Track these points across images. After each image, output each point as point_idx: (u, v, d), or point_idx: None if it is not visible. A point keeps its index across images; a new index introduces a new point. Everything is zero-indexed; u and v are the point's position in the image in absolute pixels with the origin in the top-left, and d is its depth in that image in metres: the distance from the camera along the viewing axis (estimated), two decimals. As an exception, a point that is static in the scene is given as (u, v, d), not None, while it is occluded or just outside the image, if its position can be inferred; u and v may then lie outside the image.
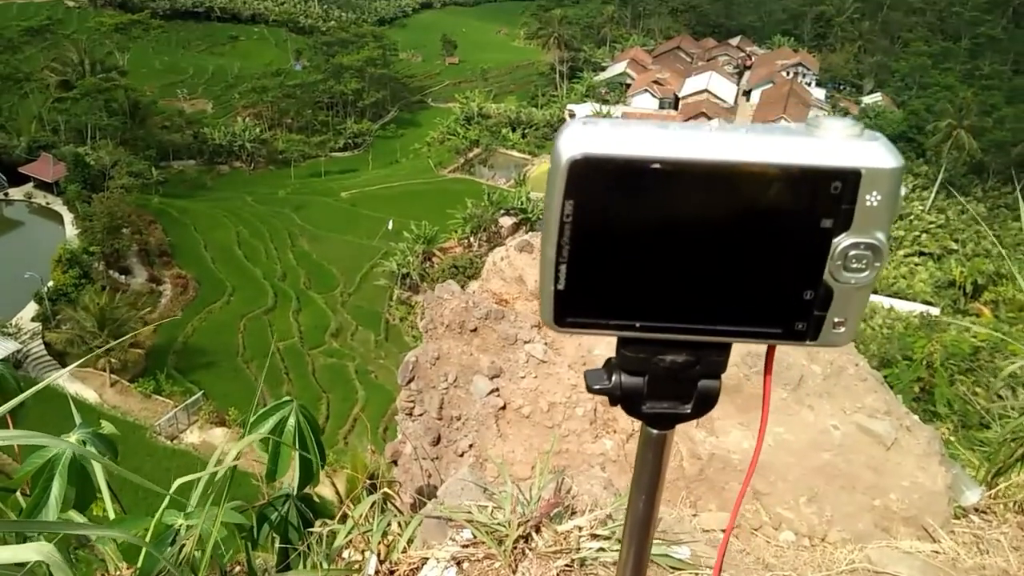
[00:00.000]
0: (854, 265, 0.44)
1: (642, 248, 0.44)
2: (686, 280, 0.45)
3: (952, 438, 4.15)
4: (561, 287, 0.46)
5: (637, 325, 0.48)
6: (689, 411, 0.54)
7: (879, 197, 0.42)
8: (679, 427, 2.49)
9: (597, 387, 0.53)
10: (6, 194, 48.24)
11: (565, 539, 1.87)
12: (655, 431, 0.58)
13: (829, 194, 0.42)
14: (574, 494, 2.16)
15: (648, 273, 0.45)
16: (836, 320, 0.46)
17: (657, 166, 0.42)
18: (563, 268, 0.45)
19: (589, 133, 0.43)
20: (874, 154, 0.42)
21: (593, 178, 0.43)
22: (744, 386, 2.75)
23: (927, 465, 2.43)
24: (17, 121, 55.04)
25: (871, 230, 0.43)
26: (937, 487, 2.40)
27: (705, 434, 2.69)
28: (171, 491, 1.58)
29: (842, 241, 0.43)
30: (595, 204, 0.43)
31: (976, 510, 2.50)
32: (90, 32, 71.80)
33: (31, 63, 62.71)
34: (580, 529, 1.91)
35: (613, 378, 0.53)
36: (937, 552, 2.24)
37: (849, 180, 0.42)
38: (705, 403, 0.53)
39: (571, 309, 0.47)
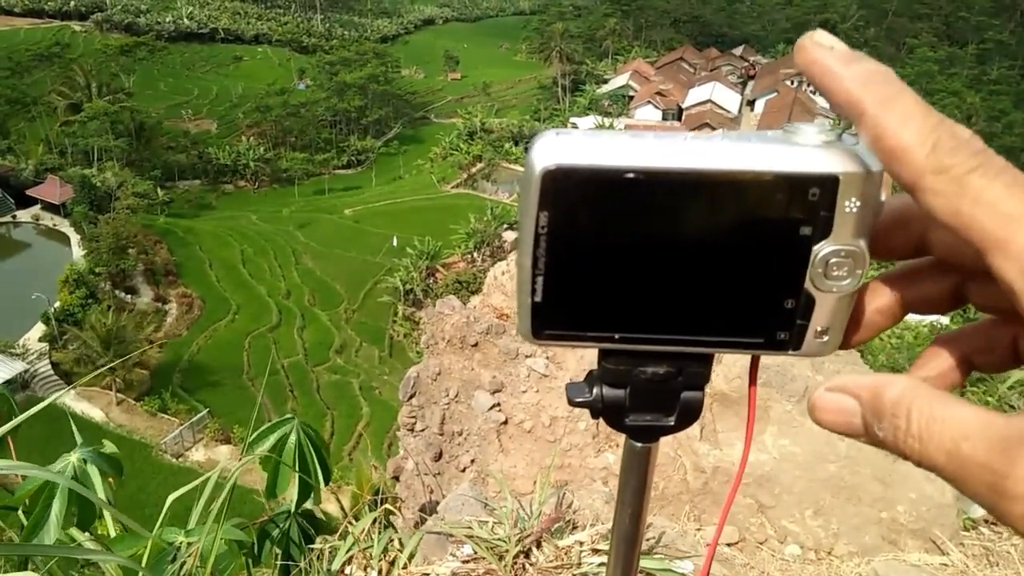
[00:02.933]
0: (835, 273, 0.43)
1: (619, 259, 0.44)
2: (664, 290, 0.45)
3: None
4: (538, 299, 0.46)
5: (616, 337, 0.47)
6: (672, 423, 0.53)
7: (858, 203, 0.42)
8: (683, 441, 2.45)
9: (579, 400, 0.53)
10: (14, 216, 48.74)
11: (566, 554, 1.85)
12: (639, 444, 0.58)
13: (807, 201, 0.42)
14: (575, 509, 2.13)
15: (626, 284, 0.45)
16: (819, 329, 0.46)
17: (631, 175, 0.42)
18: (539, 280, 0.45)
19: (562, 143, 0.42)
20: (852, 159, 0.41)
21: (567, 189, 0.42)
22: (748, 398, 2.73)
23: (935, 476, 2.40)
24: (25, 144, 55.74)
25: (851, 237, 0.43)
26: (945, 499, 2.37)
27: (709, 447, 2.67)
28: (166, 507, 1.58)
29: (822, 248, 0.43)
30: (570, 215, 0.43)
31: (986, 522, 2.46)
32: (96, 55, 72.72)
33: (39, 87, 63.55)
34: (581, 544, 1.89)
35: (594, 391, 0.52)
36: (946, 565, 2.20)
37: (827, 186, 0.42)
38: (688, 415, 0.53)
39: (548, 321, 0.47)
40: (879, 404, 0.39)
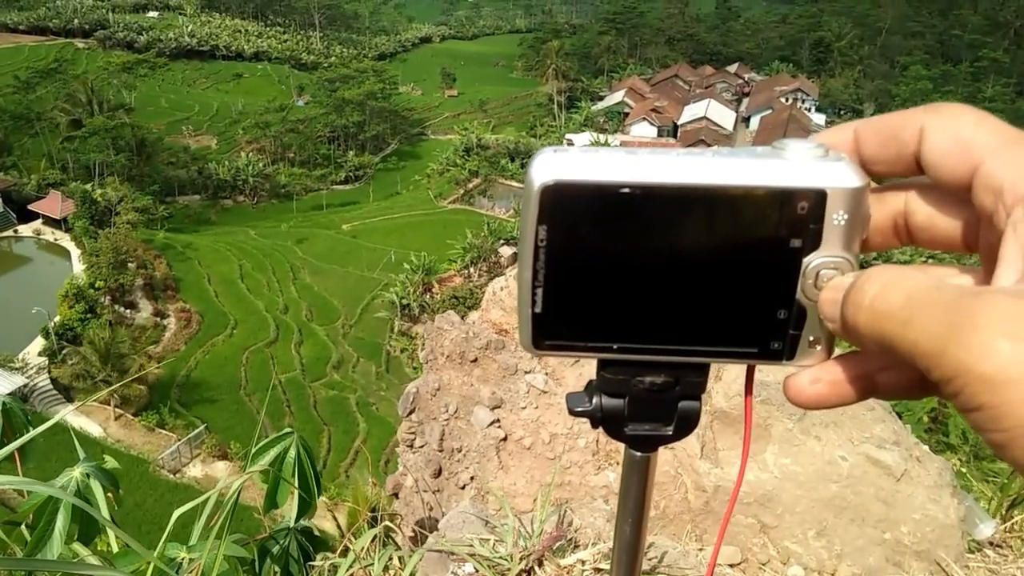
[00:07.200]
0: (825, 283, 0.45)
1: (616, 271, 0.45)
2: (661, 301, 0.46)
3: (963, 469, 4.07)
4: (538, 310, 0.47)
5: (614, 347, 0.48)
6: (671, 433, 0.55)
7: (845, 216, 0.44)
8: (683, 459, 2.46)
9: (579, 409, 0.54)
10: (16, 231, 48.80)
11: (568, 573, 1.84)
12: (638, 454, 0.59)
13: (796, 214, 0.44)
14: (576, 527, 2.13)
15: (623, 295, 0.46)
16: (811, 339, 0.47)
17: (626, 190, 0.43)
18: (539, 292, 0.46)
19: (560, 160, 0.44)
20: (838, 174, 0.43)
21: (564, 204, 0.44)
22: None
23: (939, 497, 2.39)
24: (28, 160, 55.94)
25: (840, 248, 0.45)
26: (950, 520, 2.36)
27: (710, 466, 2.66)
28: (171, 522, 1.57)
29: (812, 260, 0.45)
30: (568, 229, 0.45)
31: (991, 544, 2.45)
32: (99, 72, 73.26)
33: (42, 103, 63.85)
34: (583, 563, 1.88)
35: (594, 400, 0.53)
36: (950, 585, 2.19)
37: (815, 200, 0.43)
38: (686, 424, 0.54)
39: (548, 332, 0.48)
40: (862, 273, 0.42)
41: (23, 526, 1.63)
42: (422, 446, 3.48)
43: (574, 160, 0.44)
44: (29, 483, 1.15)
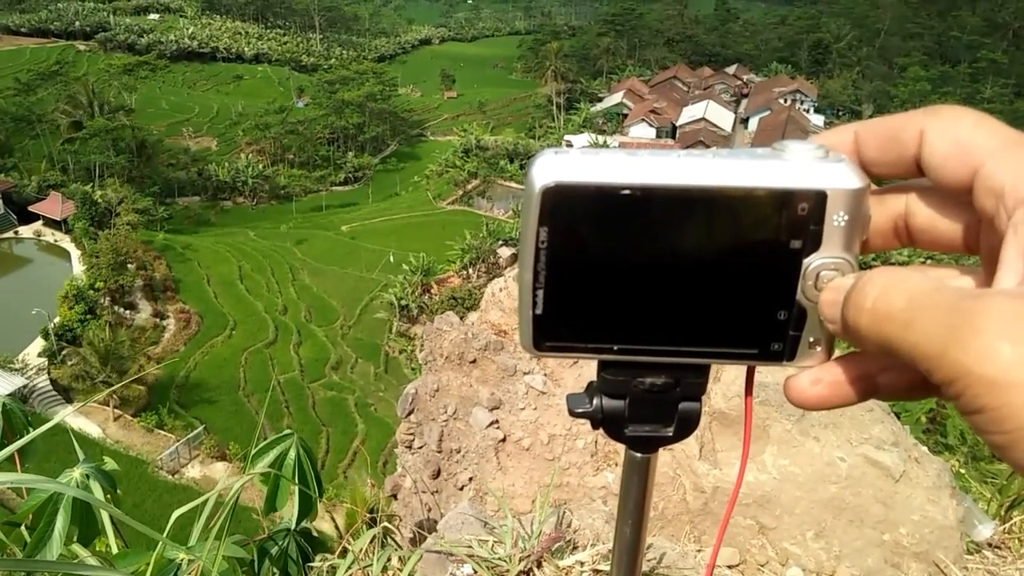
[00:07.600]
0: (825, 284, 0.45)
1: (616, 272, 0.46)
2: (661, 303, 0.47)
3: (962, 471, 4.07)
4: (539, 312, 0.47)
5: (615, 348, 0.48)
6: (671, 434, 0.55)
7: (846, 217, 0.44)
8: (682, 460, 2.46)
9: (579, 411, 0.54)
10: (16, 232, 48.82)
11: (567, 574, 1.84)
12: (639, 455, 0.59)
13: (797, 215, 0.44)
14: (575, 528, 2.13)
15: (623, 297, 0.46)
16: (811, 340, 0.47)
17: (626, 192, 0.43)
18: (540, 293, 0.46)
19: (560, 161, 0.44)
20: (838, 175, 0.43)
21: (565, 205, 0.44)
22: (747, 415, 2.72)
23: (938, 498, 2.39)
24: (29, 161, 55.98)
25: (840, 249, 0.44)
26: (948, 521, 2.36)
27: (709, 467, 2.66)
28: (170, 523, 1.57)
29: (812, 261, 0.45)
30: (568, 230, 0.45)
31: (989, 545, 2.45)
32: (99, 74, 73.32)
33: (43, 105, 63.87)
34: (582, 564, 1.88)
35: (594, 401, 0.53)
36: (949, 586, 2.19)
37: (815, 201, 0.43)
38: (686, 425, 0.54)
39: (549, 333, 0.48)
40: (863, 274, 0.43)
41: (23, 527, 1.63)
42: (421, 447, 3.48)
43: (575, 161, 0.44)
44: (32, 479, 1.15)
